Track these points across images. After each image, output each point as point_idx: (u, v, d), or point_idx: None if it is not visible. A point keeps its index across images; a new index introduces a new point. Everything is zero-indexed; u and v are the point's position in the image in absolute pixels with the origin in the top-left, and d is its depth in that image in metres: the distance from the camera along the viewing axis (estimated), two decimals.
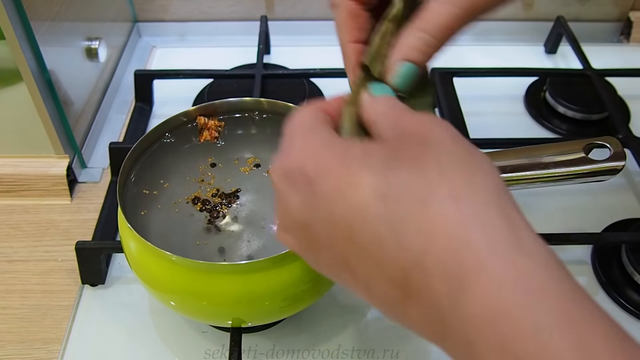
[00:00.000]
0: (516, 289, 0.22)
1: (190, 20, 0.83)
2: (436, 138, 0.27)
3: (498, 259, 0.23)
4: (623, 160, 0.41)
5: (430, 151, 0.26)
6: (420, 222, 0.24)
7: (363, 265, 0.26)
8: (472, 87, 0.70)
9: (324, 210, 0.26)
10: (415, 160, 0.25)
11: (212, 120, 0.50)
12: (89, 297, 0.51)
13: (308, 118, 0.31)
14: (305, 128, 0.30)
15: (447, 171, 0.25)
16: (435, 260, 0.23)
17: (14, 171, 0.58)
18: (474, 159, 0.26)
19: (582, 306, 0.22)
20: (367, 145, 0.27)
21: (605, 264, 0.53)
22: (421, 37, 0.32)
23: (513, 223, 0.24)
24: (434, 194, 0.24)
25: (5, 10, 0.48)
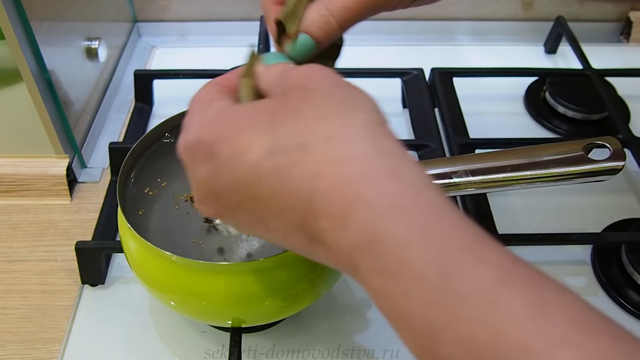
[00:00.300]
0: (385, 212, 0.23)
1: (190, 20, 0.83)
2: (315, 85, 0.28)
3: (371, 187, 0.24)
4: (623, 160, 0.41)
5: (309, 98, 0.28)
6: (303, 166, 0.26)
7: (271, 219, 0.27)
8: (472, 87, 0.70)
9: (226, 175, 0.28)
10: (296, 110, 0.27)
11: None
12: (89, 297, 0.51)
13: (204, 92, 0.32)
14: (202, 102, 0.31)
15: (325, 114, 0.27)
16: (321, 201, 0.25)
17: (14, 171, 0.58)
18: (351, 99, 0.28)
19: (444, 218, 0.23)
20: (256, 104, 0.29)
21: (605, 264, 0.53)
22: (323, 15, 0.34)
23: (385, 152, 0.26)
24: (313, 138, 0.26)
25: (5, 10, 0.48)
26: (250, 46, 0.35)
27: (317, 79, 0.29)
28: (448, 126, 0.62)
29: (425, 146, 0.60)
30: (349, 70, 0.69)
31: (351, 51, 0.43)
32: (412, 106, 0.67)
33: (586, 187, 0.60)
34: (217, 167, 0.28)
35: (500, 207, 0.56)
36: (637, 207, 0.59)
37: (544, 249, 0.54)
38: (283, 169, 0.26)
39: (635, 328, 0.48)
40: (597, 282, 0.52)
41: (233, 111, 0.29)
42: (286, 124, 0.27)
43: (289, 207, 0.26)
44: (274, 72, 0.32)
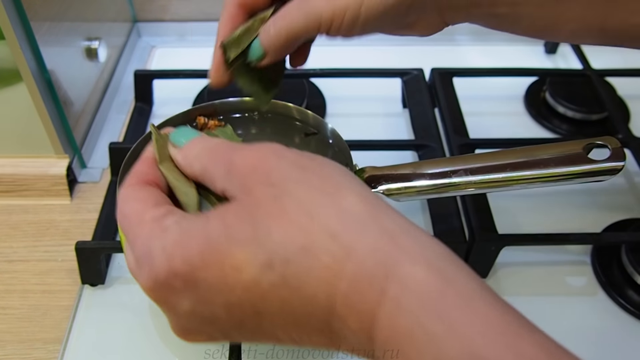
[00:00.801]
0: (413, 305, 0.22)
1: (190, 20, 0.83)
2: (278, 175, 0.25)
3: (392, 280, 0.23)
4: (623, 160, 0.41)
5: (282, 193, 0.25)
6: (314, 272, 0.23)
7: (282, 329, 0.25)
8: (472, 87, 0.70)
9: (219, 300, 0.25)
10: (275, 211, 0.24)
11: (212, 121, 0.50)
12: (89, 297, 0.51)
13: (134, 209, 0.28)
14: (143, 223, 0.27)
15: (311, 208, 0.24)
16: (343, 304, 0.23)
17: (14, 171, 0.58)
18: (327, 179, 0.25)
19: (474, 305, 0.22)
20: (222, 215, 0.25)
21: (605, 264, 0.53)
22: (270, 29, 0.37)
23: (394, 234, 0.24)
24: (313, 238, 0.24)
25: (5, 10, 0.48)
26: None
27: (276, 165, 0.26)
28: (448, 126, 0.62)
29: (425, 146, 0.60)
30: (350, 70, 0.69)
31: (351, 51, 0.43)
32: (412, 106, 0.67)
33: (586, 187, 0.60)
34: (204, 295, 0.25)
35: (500, 207, 0.56)
36: (637, 207, 0.59)
37: (544, 249, 0.54)
38: (291, 279, 0.24)
39: (635, 328, 0.48)
40: (597, 282, 0.52)
41: (199, 229, 0.25)
42: (272, 230, 0.24)
43: (305, 315, 0.24)
44: (197, 156, 0.29)
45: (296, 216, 0.24)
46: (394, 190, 0.42)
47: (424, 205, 0.58)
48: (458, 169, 0.42)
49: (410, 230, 0.24)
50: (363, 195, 0.25)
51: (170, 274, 0.25)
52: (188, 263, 0.25)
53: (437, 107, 0.66)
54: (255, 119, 0.51)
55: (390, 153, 0.62)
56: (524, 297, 0.51)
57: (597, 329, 0.49)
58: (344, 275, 0.23)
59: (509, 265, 0.53)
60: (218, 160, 0.28)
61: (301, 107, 0.49)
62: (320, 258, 0.23)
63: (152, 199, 0.28)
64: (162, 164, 0.31)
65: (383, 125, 0.69)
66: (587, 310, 0.50)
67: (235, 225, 0.25)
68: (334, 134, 0.47)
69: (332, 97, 0.71)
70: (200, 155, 0.29)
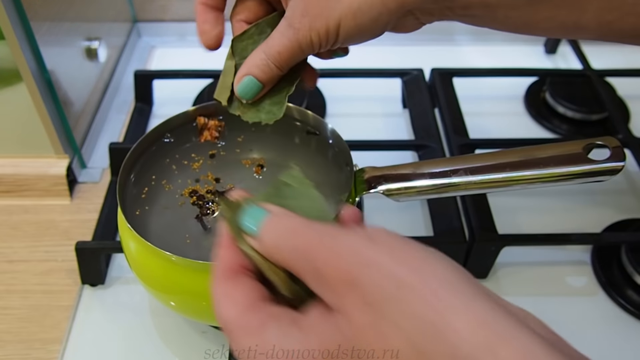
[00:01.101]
0: None
1: (190, 20, 0.83)
2: (376, 293, 0.23)
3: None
4: (623, 161, 0.41)
5: (383, 321, 0.23)
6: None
7: None
8: (472, 87, 0.70)
9: None
10: (381, 347, 0.23)
11: (212, 121, 0.50)
12: (89, 297, 0.51)
13: (234, 314, 0.26)
14: (245, 335, 0.26)
15: (418, 345, 0.22)
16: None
17: (14, 171, 0.58)
18: (431, 301, 0.22)
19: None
20: (324, 343, 0.24)
21: (605, 264, 0.53)
22: (262, 58, 0.38)
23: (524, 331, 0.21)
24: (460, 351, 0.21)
25: (5, 10, 0.48)
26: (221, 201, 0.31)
27: (369, 282, 0.23)
28: (448, 126, 0.62)
29: (425, 146, 0.60)
30: (350, 70, 0.69)
31: (351, 51, 0.43)
32: (412, 106, 0.67)
33: (586, 187, 0.60)
34: None
35: (500, 207, 0.56)
36: (637, 207, 0.59)
37: (544, 249, 0.54)
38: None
39: (635, 328, 0.48)
40: (597, 282, 0.52)
41: (300, 351, 0.24)
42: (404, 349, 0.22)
43: None
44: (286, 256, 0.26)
45: (402, 349, 0.22)
46: (394, 190, 0.42)
47: (424, 205, 0.58)
48: (458, 169, 0.42)
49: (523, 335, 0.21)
50: (472, 316, 0.21)
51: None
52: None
53: (437, 107, 0.66)
54: None
55: (390, 153, 0.62)
56: (524, 297, 0.51)
57: (597, 329, 0.49)
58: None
59: (509, 265, 0.53)
60: (302, 262, 0.25)
61: (301, 107, 0.49)
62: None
63: (246, 301, 0.27)
64: (242, 242, 0.28)
65: (383, 125, 0.69)
66: (587, 310, 0.50)
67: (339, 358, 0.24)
68: (334, 134, 0.47)
69: (332, 97, 0.71)
70: (280, 249, 0.26)
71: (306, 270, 0.25)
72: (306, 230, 0.26)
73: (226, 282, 0.28)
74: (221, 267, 0.28)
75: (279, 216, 0.27)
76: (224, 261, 0.28)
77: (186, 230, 0.45)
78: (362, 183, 0.43)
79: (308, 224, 0.26)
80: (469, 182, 0.42)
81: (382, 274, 0.23)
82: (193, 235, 0.45)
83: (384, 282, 0.23)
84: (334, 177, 0.47)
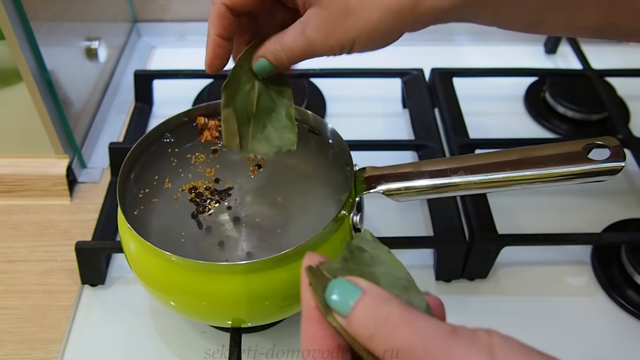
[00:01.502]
0: None
1: (190, 20, 0.83)
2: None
3: None
4: (623, 161, 0.41)
5: None
6: None
7: None
8: (472, 87, 0.70)
9: None
10: None
11: (213, 121, 0.50)
12: (89, 297, 0.51)
13: None
14: None
15: None
16: None
17: (14, 171, 0.58)
18: None
19: None
20: None
21: (605, 264, 0.53)
22: (276, 48, 0.39)
23: None
24: None
25: (5, 10, 0.48)
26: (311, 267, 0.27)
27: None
28: (448, 126, 0.62)
29: (425, 146, 0.60)
30: (350, 70, 0.69)
31: None
32: (412, 106, 0.67)
33: (586, 187, 0.60)
34: None
35: (500, 207, 0.56)
36: (637, 207, 0.59)
37: (544, 249, 0.54)
38: None
39: (635, 328, 0.48)
40: (597, 282, 0.52)
41: None
42: None
43: None
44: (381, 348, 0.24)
45: None
46: (394, 190, 0.42)
47: (424, 205, 0.58)
48: (458, 169, 0.42)
49: None
50: None
51: None
52: None
53: (437, 107, 0.66)
54: None
55: (390, 153, 0.62)
56: (524, 297, 0.51)
57: (597, 329, 0.49)
58: None
59: (509, 265, 0.53)
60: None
61: (301, 107, 0.49)
62: None
63: None
64: (330, 317, 0.25)
65: (383, 125, 0.69)
66: (587, 310, 0.50)
67: None
68: (334, 134, 0.47)
69: (332, 97, 0.71)
70: (375, 339, 0.24)
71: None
72: (408, 324, 0.23)
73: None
74: (316, 347, 0.26)
75: (372, 297, 0.24)
76: (317, 340, 0.26)
77: (187, 229, 0.45)
78: (362, 183, 0.43)
79: (408, 312, 0.23)
80: (469, 182, 0.42)
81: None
82: (193, 235, 0.44)
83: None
84: (334, 177, 0.47)
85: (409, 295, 0.26)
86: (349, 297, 0.25)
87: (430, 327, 0.23)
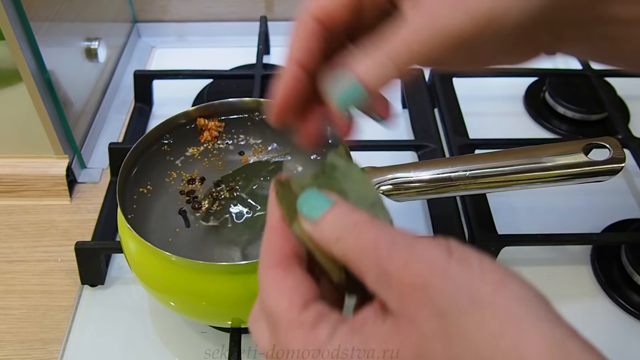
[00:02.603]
0: None
1: (190, 20, 0.83)
2: (447, 302, 0.22)
3: None
4: (622, 161, 0.41)
5: (453, 334, 0.21)
6: None
7: None
8: (472, 87, 0.70)
9: None
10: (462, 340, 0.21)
11: (212, 121, 0.50)
12: (89, 297, 0.51)
13: (284, 307, 0.25)
14: (296, 331, 0.24)
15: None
16: None
17: (14, 171, 0.58)
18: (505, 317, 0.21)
19: None
20: (386, 346, 0.23)
21: (604, 265, 0.53)
22: (380, 58, 0.29)
23: None
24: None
25: (5, 10, 0.48)
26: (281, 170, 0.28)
27: (440, 289, 0.22)
28: (448, 126, 0.62)
29: (425, 146, 0.60)
30: None
31: None
32: (412, 106, 0.67)
33: (586, 187, 0.59)
34: None
35: (500, 207, 0.56)
36: (637, 207, 0.59)
37: (544, 249, 0.54)
38: None
39: (635, 329, 0.48)
40: (596, 283, 0.52)
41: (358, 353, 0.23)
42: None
43: None
44: (348, 251, 0.24)
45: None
46: (393, 191, 0.42)
47: (424, 205, 0.58)
48: (458, 169, 0.42)
49: None
50: (549, 337, 0.21)
51: None
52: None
53: (436, 107, 0.66)
54: (256, 119, 0.51)
55: (390, 153, 0.62)
56: None
57: (597, 329, 0.49)
58: None
59: (509, 265, 0.53)
60: (365, 260, 0.24)
61: None
62: None
63: (299, 294, 0.25)
64: (294, 225, 0.26)
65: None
66: (587, 310, 0.50)
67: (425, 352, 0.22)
68: (334, 134, 0.47)
69: None
70: (341, 242, 0.25)
71: (369, 268, 0.24)
72: (375, 228, 0.24)
73: (277, 270, 0.26)
74: (272, 253, 0.26)
75: (342, 207, 0.26)
76: (276, 247, 0.27)
77: (186, 230, 0.45)
78: None
79: (375, 221, 0.25)
80: (469, 182, 0.42)
81: (458, 285, 0.22)
82: (193, 235, 0.44)
83: (459, 294, 0.22)
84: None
85: (375, 211, 0.27)
86: (320, 206, 0.26)
87: (395, 231, 0.24)
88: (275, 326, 0.25)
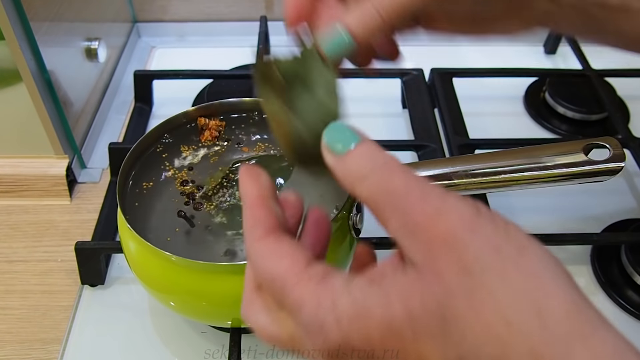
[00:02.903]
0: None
1: (190, 20, 0.83)
2: (474, 257, 0.22)
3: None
4: (622, 161, 0.41)
5: (478, 289, 0.21)
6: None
7: None
8: (472, 88, 0.70)
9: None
10: (472, 315, 0.21)
11: (213, 121, 0.50)
12: (89, 297, 0.51)
13: (288, 266, 0.24)
14: (307, 285, 0.24)
15: (510, 316, 0.21)
16: None
17: (14, 171, 0.58)
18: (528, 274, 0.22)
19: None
20: (407, 302, 0.22)
21: (604, 265, 0.53)
22: (369, 10, 0.30)
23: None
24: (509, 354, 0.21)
25: (5, 10, 0.48)
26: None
27: (469, 244, 0.22)
28: (448, 126, 0.62)
29: (425, 146, 0.60)
30: (349, 70, 0.68)
31: None
32: (411, 106, 0.67)
33: (586, 187, 0.59)
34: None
35: (500, 207, 0.56)
36: (637, 207, 0.59)
37: None
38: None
39: (635, 329, 0.48)
40: (596, 283, 0.52)
41: (379, 309, 0.22)
42: (466, 333, 0.21)
43: None
44: (375, 194, 0.24)
45: (493, 321, 0.21)
46: None
47: None
48: (458, 169, 0.42)
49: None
50: (569, 300, 0.21)
51: (348, 348, 0.23)
52: (368, 343, 0.23)
53: (436, 107, 0.66)
54: (255, 119, 0.51)
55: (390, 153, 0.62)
56: None
57: None
58: None
59: None
60: (393, 204, 0.23)
61: None
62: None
63: (299, 253, 0.25)
64: (270, 103, 0.26)
65: (383, 125, 0.69)
66: None
67: (422, 318, 0.22)
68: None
69: None
70: (367, 181, 0.24)
71: (394, 213, 0.23)
72: (405, 172, 0.24)
73: (268, 240, 0.25)
74: (259, 225, 0.26)
75: (371, 145, 0.25)
76: (262, 220, 0.26)
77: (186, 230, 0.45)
78: None
79: (404, 165, 0.24)
80: (469, 182, 0.42)
81: (486, 242, 0.22)
82: (193, 235, 0.44)
83: (486, 250, 0.22)
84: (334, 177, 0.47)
85: None
86: (348, 140, 0.25)
87: (424, 179, 0.24)
88: (283, 289, 0.24)
